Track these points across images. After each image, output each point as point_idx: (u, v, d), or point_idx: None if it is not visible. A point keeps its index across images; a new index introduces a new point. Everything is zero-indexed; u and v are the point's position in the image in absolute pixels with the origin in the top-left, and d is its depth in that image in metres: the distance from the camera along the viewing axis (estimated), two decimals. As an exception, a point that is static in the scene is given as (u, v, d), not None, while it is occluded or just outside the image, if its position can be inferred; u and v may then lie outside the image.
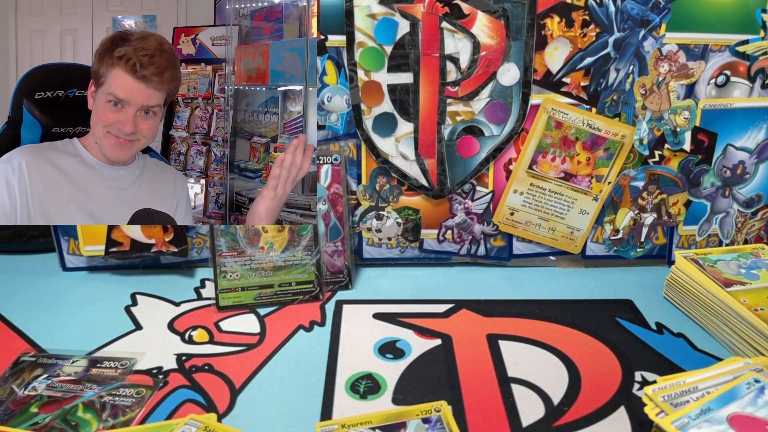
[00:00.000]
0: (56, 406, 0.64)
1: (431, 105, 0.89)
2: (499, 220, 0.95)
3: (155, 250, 0.93)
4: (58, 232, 0.95)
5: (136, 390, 0.66)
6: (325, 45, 0.89)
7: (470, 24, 0.86)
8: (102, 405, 0.64)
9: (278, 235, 0.87)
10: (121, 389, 0.67)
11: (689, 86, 0.90)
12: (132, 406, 0.64)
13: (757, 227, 0.99)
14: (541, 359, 0.73)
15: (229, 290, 0.85)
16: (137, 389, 0.67)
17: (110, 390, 0.66)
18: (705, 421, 0.53)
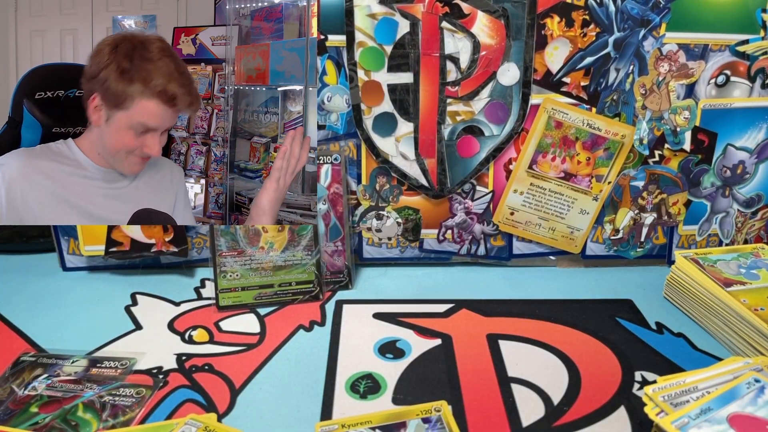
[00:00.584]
0: (56, 406, 0.64)
1: (431, 105, 0.89)
2: (499, 219, 0.95)
3: (155, 250, 0.93)
4: (58, 232, 0.95)
5: (136, 390, 0.66)
6: (325, 45, 0.89)
7: (470, 24, 0.86)
8: (102, 405, 0.64)
9: (278, 235, 0.87)
10: (121, 389, 0.67)
11: (689, 86, 0.90)
12: (132, 406, 0.64)
13: (757, 227, 0.99)
14: (541, 359, 0.73)
15: (229, 290, 0.85)
16: (137, 389, 0.67)
17: (110, 390, 0.66)
18: (705, 420, 0.53)
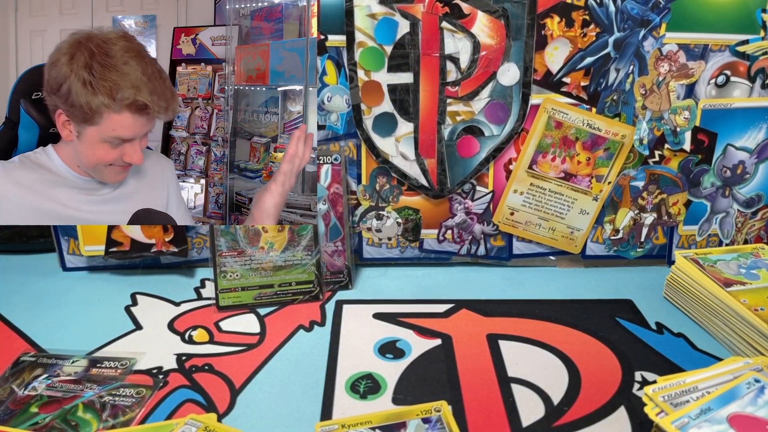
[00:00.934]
0: (56, 406, 0.64)
1: (431, 105, 0.89)
2: (499, 220, 0.95)
3: (155, 250, 0.93)
4: (58, 232, 0.95)
5: (136, 390, 0.66)
6: (325, 45, 0.89)
7: (470, 24, 0.86)
8: (102, 405, 0.64)
9: (278, 235, 0.87)
10: (121, 389, 0.67)
11: (689, 86, 0.90)
12: (132, 406, 0.64)
13: (757, 227, 0.99)
14: (541, 359, 0.73)
15: (229, 290, 0.85)
16: (137, 389, 0.67)
17: (110, 390, 0.66)
18: (705, 420, 0.53)
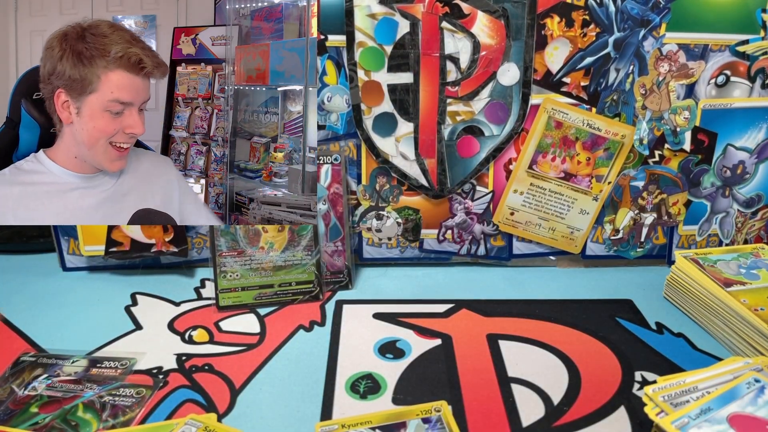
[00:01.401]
0: (56, 406, 0.64)
1: (431, 105, 0.89)
2: (499, 220, 0.95)
3: (155, 250, 0.93)
4: (58, 232, 0.95)
5: (136, 390, 0.66)
6: (325, 45, 0.89)
7: (470, 24, 0.86)
8: (102, 405, 0.64)
9: (278, 235, 0.87)
10: (121, 389, 0.67)
11: (689, 86, 0.90)
12: (132, 406, 0.64)
13: (757, 227, 0.99)
14: (541, 359, 0.73)
15: (229, 290, 0.85)
16: (137, 389, 0.67)
17: (110, 390, 0.66)
18: (705, 420, 0.53)
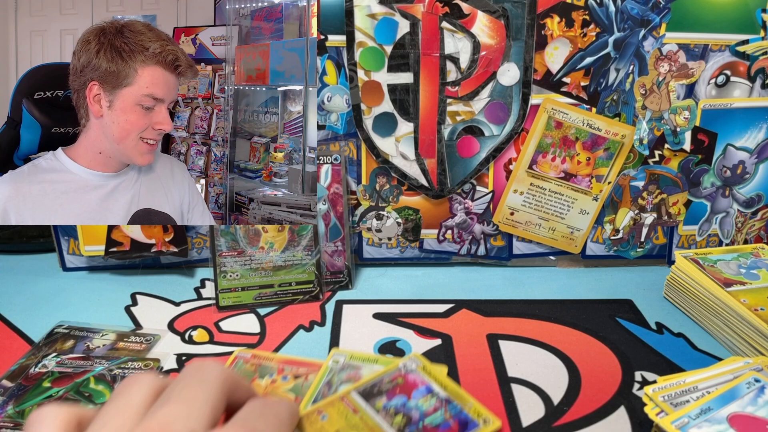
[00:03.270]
0: (68, 380, 0.66)
1: (431, 105, 0.89)
2: (499, 220, 0.95)
3: (155, 250, 0.93)
4: (58, 232, 0.95)
5: (144, 363, 0.69)
6: (325, 45, 0.89)
7: (470, 24, 0.86)
8: (113, 377, 0.66)
9: (278, 235, 0.87)
10: (129, 363, 0.69)
11: (689, 86, 0.90)
12: None
13: (757, 227, 0.99)
14: (541, 359, 0.73)
15: (229, 290, 0.85)
16: (145, 362, 0.69)
17: (119, 364, 0.69)
18: (705, 420, 0.53)
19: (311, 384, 0.65)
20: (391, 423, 0.58)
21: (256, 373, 0.68)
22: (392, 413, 0.59)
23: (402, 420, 0.58)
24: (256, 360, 0.71)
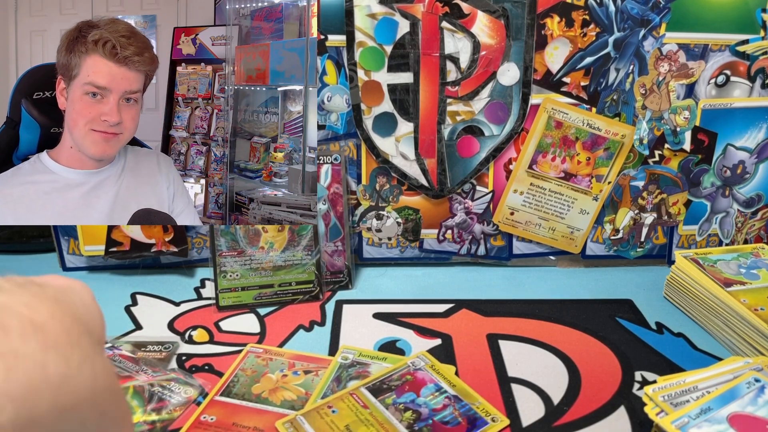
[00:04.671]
0: None
1: (431, 105, 0.89)
2: (499, 219, 0.95)
3: (155, 250, 0.93)
4: (58, 232, 0.95)
5: (185, 389, 0.66)
6: (325, 45, 0.89)
7: (470, 24, 0.86)
8: (150, 395, 0.64)
9: (278, 235, 0.87)
10: (172, 383, 0.66)
11: (689, 86, 0.90)
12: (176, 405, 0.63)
13: (757, 227, 0.99)
14: (541, 359, 0.73)
15: (229, 290, 0.85)
16: (186, 388, 0.66)
17: (162, 380, 0.66)
18: (705, 420, 0.53)
19: (321, 379, 0.65)
20: (401, 419, 0.58)
21: (267, 368, 0.69)
22: (402, 409, 0.60)
23: (411, 416, 0.59)
24: (267, 355, 0.72)
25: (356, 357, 0.70)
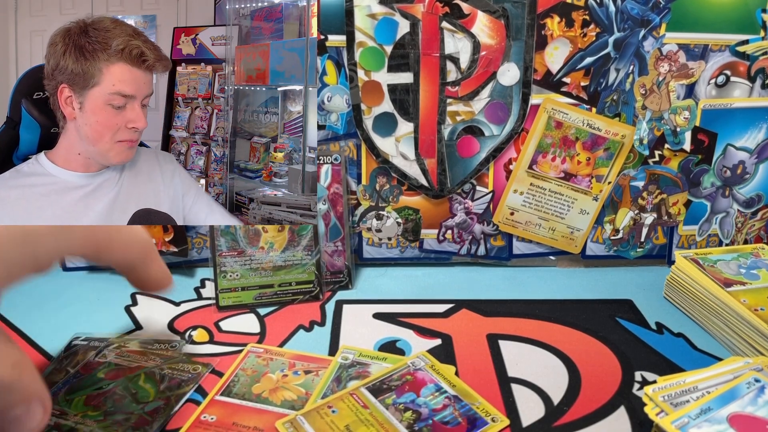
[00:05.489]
0: (121, 373, 0.66)
1: (431, 105, 0.89)
2: (499, 220, 0.95)
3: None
4: (58, 232, 0.95)
5: (193, 366, 0.68)
6: (325, 45, 0.89)
7: (470, 24, 0.86)
8: (161, 377, 0.66)
9: (278, 235, 0.87)
10: (180, 364, 0.69)
11: (689, 86, 0.90)
12: (188, 381, 0.66)
13: (757, 227, 0.99)
14: (541, 359, 0.73)
15: (229, 290, 0.85)
16: (194, 365, 0.69)
17: (171, 363, 0.68)
18: (705, 420, 0.53)
19: (321, 379, 0.66)
20: (401, 419, 0.58)
21: (268, 368, 0.69)
22: (402, 409, 0.60)
23: (411, 416, 0.59)
24: (267, 355, 0.72)
25: (356, 357, 0.70)
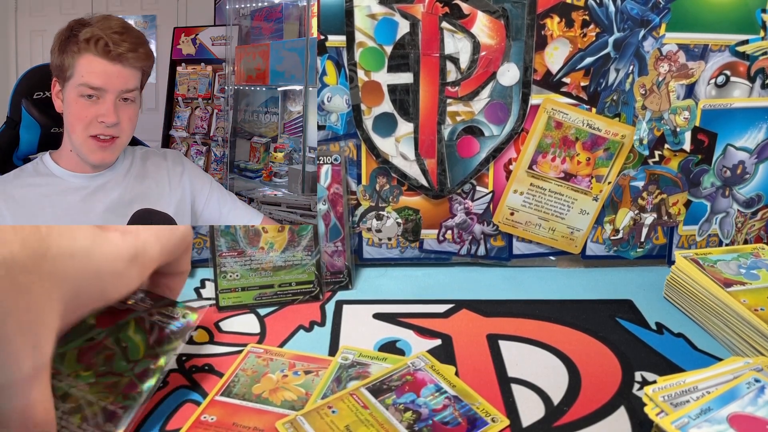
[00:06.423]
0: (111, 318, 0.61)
1: (431, 105, 0.89)
2: (499, 220, 0.95)
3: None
4: (58, 232, 0.95)
5: (183, 313, 0.64)
6: (325, 45, 0.89)
7: (470, 24, 0.86)
8: (151, 325, 0.62)
9: (278, 235, 0.87)
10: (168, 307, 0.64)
11: (689, 86, 0.90)
12: (176, 333, 0.62)
13: (757, 227, 1.00)
14: (541, 359, 0.73)
15: (229, 290, 0.85)
16: (184, 312, 0.64)
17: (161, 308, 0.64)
18: (705, 420, 0.53)
19: (321, 380, 0.66)
20: (401, 419, 0.58)
21: (268, 368, 0.69)
22: (402, 409, 0.60)
23: (411, 416, 0.59)
24: (267, 355, 0.72)
25: (356, 357, 0.70)
